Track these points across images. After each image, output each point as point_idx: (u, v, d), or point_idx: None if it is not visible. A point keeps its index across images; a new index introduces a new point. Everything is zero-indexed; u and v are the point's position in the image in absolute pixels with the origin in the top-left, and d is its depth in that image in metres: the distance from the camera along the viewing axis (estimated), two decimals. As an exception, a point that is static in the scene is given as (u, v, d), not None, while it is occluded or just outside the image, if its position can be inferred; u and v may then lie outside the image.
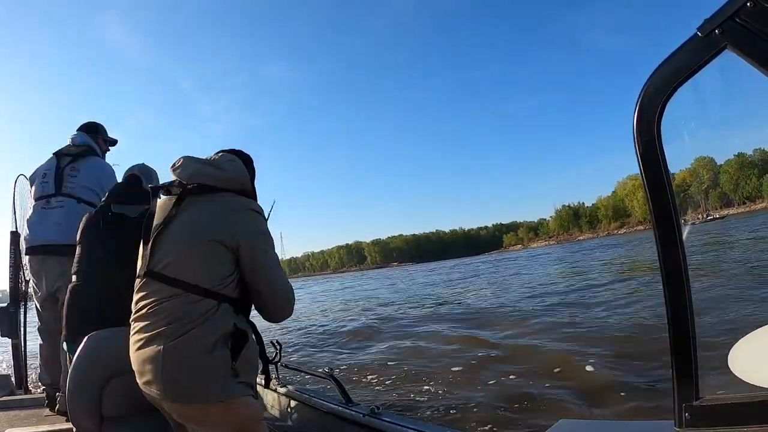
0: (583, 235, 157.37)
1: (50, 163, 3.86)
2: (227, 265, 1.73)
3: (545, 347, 7.01)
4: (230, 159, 1.95)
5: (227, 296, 1.71)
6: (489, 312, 11.68)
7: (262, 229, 1.84)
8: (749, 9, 0.94)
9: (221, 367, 1.64)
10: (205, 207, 1.78)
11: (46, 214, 3.71)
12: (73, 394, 2.05)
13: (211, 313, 1.64)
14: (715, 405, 1.11)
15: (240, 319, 1.75)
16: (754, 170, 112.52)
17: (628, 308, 9.27)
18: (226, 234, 1.72)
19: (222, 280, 1.70)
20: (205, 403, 1.65)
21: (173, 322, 1.61)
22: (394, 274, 59.13)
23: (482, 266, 44.50)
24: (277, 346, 2.88)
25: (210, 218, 1.75)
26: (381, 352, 8.27)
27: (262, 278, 1.78)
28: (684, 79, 1.07)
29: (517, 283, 20.24)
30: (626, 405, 4.42)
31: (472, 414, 4.71)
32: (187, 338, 1.60)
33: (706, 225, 49.38)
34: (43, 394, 3.74)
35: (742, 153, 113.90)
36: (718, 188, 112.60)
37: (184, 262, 1.70)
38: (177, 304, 1.63)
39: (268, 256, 1.81)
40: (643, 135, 1.14)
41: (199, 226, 1.74)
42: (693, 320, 1.12)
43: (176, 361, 1.60)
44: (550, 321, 9.14)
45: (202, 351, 1.61)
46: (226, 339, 1.66)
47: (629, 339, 6.77)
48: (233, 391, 1.66)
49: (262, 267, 1.78)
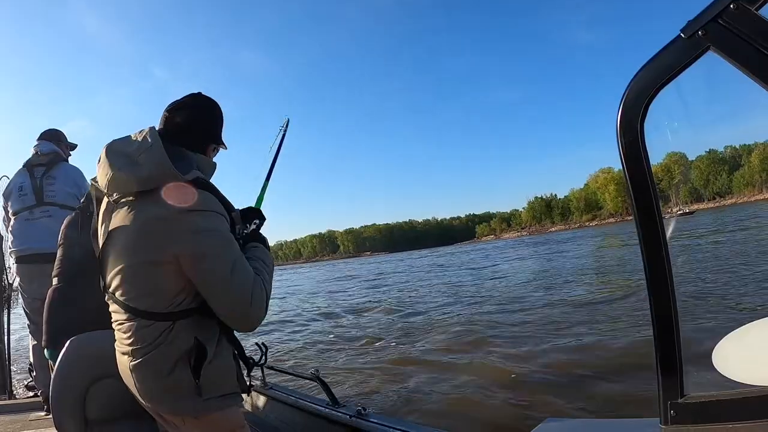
0: (555, 227, 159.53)
1: (22, 175, 3.96)
2: (175, 282, 1.52)
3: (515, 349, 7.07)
4: (150, 146, 1.53)
5: (183, 311, 1.54)
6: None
7: (205, 227, 1.50)
8: (733, 11, 0.95)
9: (184, 388, 1.54)
10: (132, 220, 1.52)
11: (31, 225, 3.81)
12: (57, 399, 2.02)
13: (165, 335, 1.52)
14: (700, 402, 1.11)
15: (204, 329, 1.58)
16: (725, 167, 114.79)
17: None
18: (158, 251, 1.48)
19: (173, 299, 1.52)
20: (180, 416, 1.61)
21: (134, 344, 1.55)
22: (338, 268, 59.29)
23: (446, 258, 44.84)
24: (262, 348, 2.87)
25: (138, 235, 1.51)
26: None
27: (209, 286, 1.52)
28: (667, 80, 1.08)
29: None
30: (612, 403, 4.46)
31: (457, 412, 4.74)
32: (147, 361, 1.53)
33: (679, 220, 50.13)
34: (27, 399, 3.71)
35: (713, 149, 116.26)
36: (689, 183, 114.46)
37: (129, 286, 1.54)
38: (133, 328, 1.54)
39: (218, 261, 1.50)
40: (626, 135, 1.14)
41: (131, 246, 1.52)
42: (677, 318, 1.13)
43: (143, 377, 1.56)
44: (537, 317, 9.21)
45: (161, 375, 1.53)
46: (188, 357, 1.53)
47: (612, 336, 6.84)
48: (201, 409, 1.58)
49: (206, 273, 1.50)
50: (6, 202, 4.01)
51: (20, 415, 3.54)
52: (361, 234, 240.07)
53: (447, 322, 10.41)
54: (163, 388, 1.56)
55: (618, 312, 8.59)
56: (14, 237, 3.87)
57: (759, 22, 0.94)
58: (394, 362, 7.27)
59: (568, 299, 11.31)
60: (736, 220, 30.45)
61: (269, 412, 3.39)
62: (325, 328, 12.00)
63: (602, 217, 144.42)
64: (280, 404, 3.29)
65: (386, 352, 8.17)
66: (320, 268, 60.02)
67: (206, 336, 1.57)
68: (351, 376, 6.69)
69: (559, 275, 18.00)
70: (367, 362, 7.48)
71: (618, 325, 7.64)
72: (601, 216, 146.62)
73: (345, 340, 9.75)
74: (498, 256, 37.73)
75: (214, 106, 1.80)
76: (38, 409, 3.62)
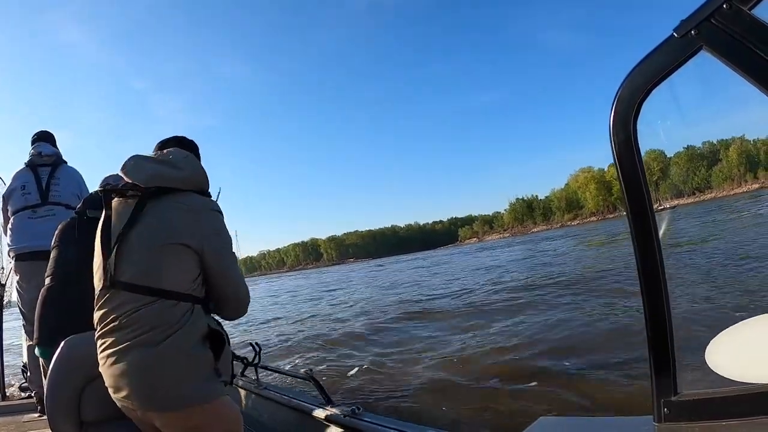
0: (537, 227, 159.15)
1: (26, 174, 4.00)
2: (194, 268, 1.71)
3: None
4: (185, 156, 1.89)
5: (198, 298, 1.71)
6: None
7: (224, 229, 1.82)
8: (725, 11, 0.96)
9: (205, 367, 1.66)
10: (167, 210, 1.72)
11: (34, 223, 3.85)
12: (51, 401, 2.02)
13: (188, 316, 1.64)
14: (693, 400, 1.12)
15: (211, 320, 1.76)
16: (704, 162, 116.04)
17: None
18: (190, 237, 1.69)
19: (192, 282, 1.70)
20: (191, 406, 1.63)
21: (151, 330, 1.58)
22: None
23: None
24: (256, 347, 2.87)
25: (174, 222, 1.70)
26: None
27: (228, 281, 1.79)
28: (660, 79, 1.08)
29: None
30: (605, 401, 4.47)
31: (450, 411, 4.75)
32: (169, 343, 1.58)
33: (671, 218, 50.56)
34: (21, 401, 3.70)
35: (692, 146, 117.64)
36: (668, 180, 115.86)
37: (154, 268, 1.66)
38: (152, 312, 1.60)
39: (231, 258, 1.82)
40: (619, 135, 1.15)
41: (164, 230, 1.69)
42: (670, 316, 1.14)
43: (159, 368, 1.58)
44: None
45: (186, 354, 1.61)
46: (205, 340, 1.67)
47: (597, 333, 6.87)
48: (217, 390, 1.68)
49: (227, 269, 1.78)
50: (5, 204, 4.04)
51: (14, 416, 3.52)
52: (344, 241, 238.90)
53: (435, 318, 10.42)
54: (184, 371, 1.62)
55: (609, 309, 8.61)
56: (15, 234, 3.88)
57: (752, 22, 0.94)
58: (382, 359, 7.27)
59: (553, 295, 11.37)
60: (719, 215, 30.62)
61: (263, 411, 3.38)
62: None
63: (584, 216, 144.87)
64: (273, 404, 3.29)
65: (375, 350, 8.17)
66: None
67: (216, 326, 1.76)
68: (342, 376, 6.68)
69: (546, 269, 18.20)
70: (356, 361, 7.46)
71: (610, 321, 7.66)
72: (582, 215, 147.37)
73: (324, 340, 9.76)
74: (480, 255, 38.08)
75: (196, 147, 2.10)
76: (32, 411, 3.61)
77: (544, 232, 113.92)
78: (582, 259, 20.53)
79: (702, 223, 25.59)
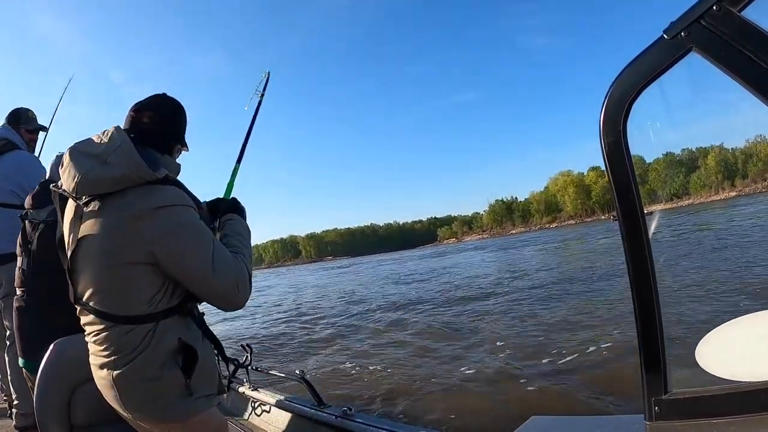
0: (515, 229, 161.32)
1: None
2: (153, 282, 1.50)
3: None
4: (118, 145, 1.50)
5: (164, 311, 1.52)
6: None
7: (182, 223, 1.51)
8: (715, 12, 0.96)
9: (174, 387, 1.53)
10: (106, 223, 1.48)
11: None
12: (41, 406, 2.00)
13: (149, 338, 1.48)
14: (684, 398, 1.13)
15: (186, 328, 1.59)
16: (682, 169, 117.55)
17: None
18: (135, 251, 1.46)
19: (151, 300, 1.50)
20: (165, 423, 1.58)
21: (114, 354, 1.50)
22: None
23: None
24: (247, 349, 2.85)
25: (114, 237, 1.47)
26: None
27: (204, 280, 1.53)
28: (650, 80, 1.09)
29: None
30: (596, 400, 4.49)
31: (442, 411, 4.76)
32: (132, 367, 1.48)
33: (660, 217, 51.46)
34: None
35: (670, 152, 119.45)
36: (647, 185, 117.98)
37: (105, 292, 1.50)
38: (113, 336, 1.49)
39: (200, 255, 1.52)
40: (609, 135, 1.15)
41: (106, 251, 1.48)
42: (660, 315, 1.15)
43: (128, 387, 1.51)
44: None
45: (149, 378, 1.49)
46: (175, 357, 1.52)
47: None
48: (191, 410, 1.56)
49: (198, 269, 1.51)
50: None
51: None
52: (323, 239, 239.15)
53: (422, 319, 10.42)
54: (151, 396, 1.52)
55: (601, 307, 8.66)
56: None
57: (741, 24, 0.95)
58: (372, 360, 7.26)
59: (540, 293, 11.44)
60: (703, 218, 30.79)
61: (255, 413, 3.37)
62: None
63: (562, 219, 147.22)
64: (265, 405, 3.27)
65: (362, 350, 8.16)
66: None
67: (189, 336, 1.57)
68: (334, 377, 6.66)
69: (522, 269, 18.31)
70: (347, 362, 7.45)
71: (602, 318, 7.70)
72: (560, 218, 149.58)
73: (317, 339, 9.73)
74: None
75: (179, 107, 1.81)
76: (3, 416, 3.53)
77: (522, 235, 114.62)
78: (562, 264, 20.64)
79: (693, 224, 25.72)
